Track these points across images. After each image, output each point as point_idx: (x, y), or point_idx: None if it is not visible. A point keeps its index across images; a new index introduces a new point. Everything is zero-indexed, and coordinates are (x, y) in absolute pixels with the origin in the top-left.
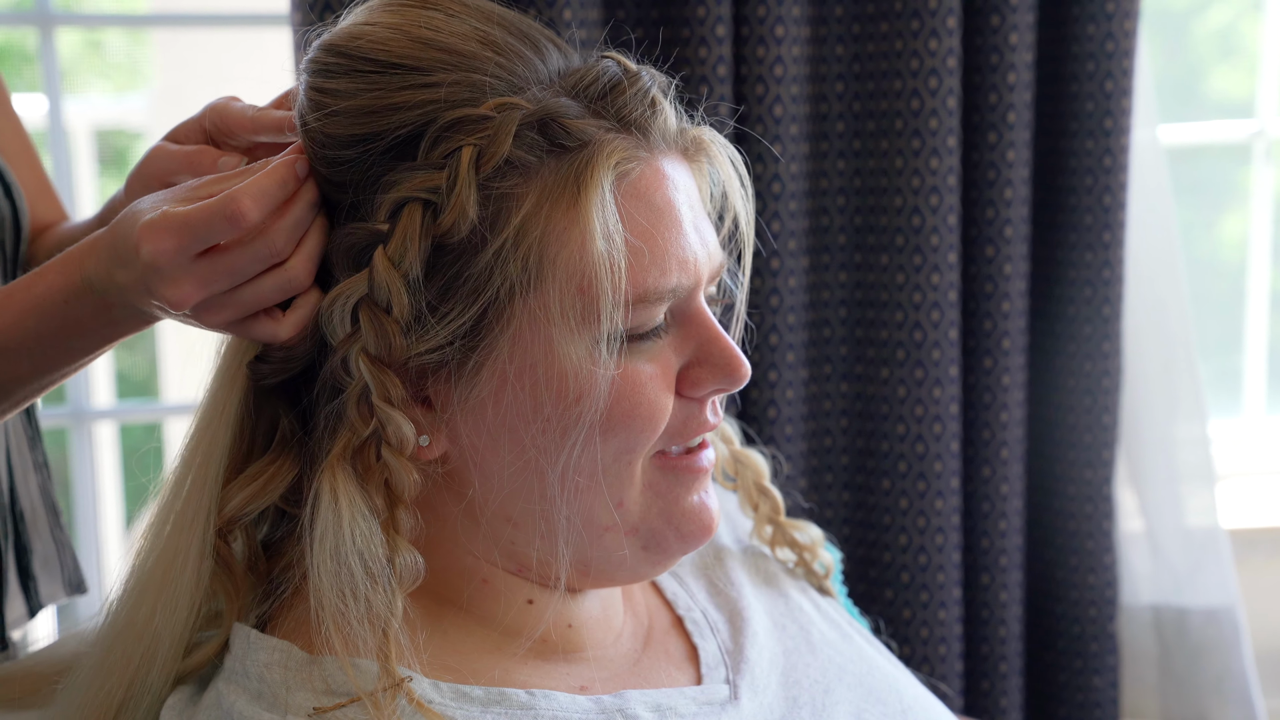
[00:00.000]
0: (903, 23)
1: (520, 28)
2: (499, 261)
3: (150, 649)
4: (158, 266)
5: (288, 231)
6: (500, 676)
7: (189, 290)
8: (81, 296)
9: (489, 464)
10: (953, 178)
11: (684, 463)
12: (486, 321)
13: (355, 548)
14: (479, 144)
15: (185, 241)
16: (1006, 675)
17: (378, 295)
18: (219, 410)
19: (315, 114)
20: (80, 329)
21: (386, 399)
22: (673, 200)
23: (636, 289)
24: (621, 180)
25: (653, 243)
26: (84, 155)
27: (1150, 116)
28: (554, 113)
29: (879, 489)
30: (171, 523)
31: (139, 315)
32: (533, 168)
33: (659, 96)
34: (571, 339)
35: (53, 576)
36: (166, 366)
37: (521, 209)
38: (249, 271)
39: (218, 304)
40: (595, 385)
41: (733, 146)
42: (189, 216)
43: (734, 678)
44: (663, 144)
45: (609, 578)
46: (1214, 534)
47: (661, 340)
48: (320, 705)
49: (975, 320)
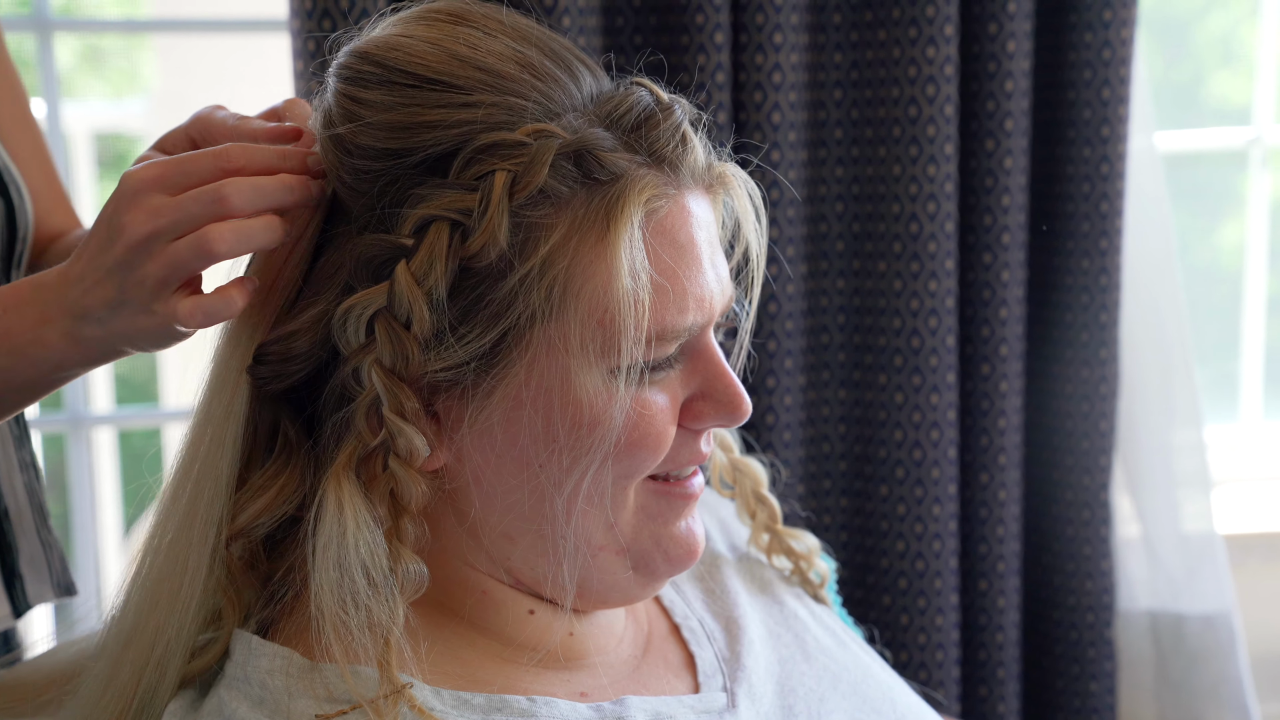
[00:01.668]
0: (900, 31)
1: (553, 48)
2: (523, 289)
3: (160, 662)
4: (131, 187)
5: (249, 193)
6: (501, 684)
7: (140, 217)
8: (25, 303)
9: (492, 484)
10: (950, 185)
11: (677, 489)
12: (505, 346)
13: (359, 557)
14: (514, 170)
15: (169, 173)
16: (1004, 681)
17: (397, 309)
18: (222, 416)
19: (346, 123)
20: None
21: (399, 412)
22: (695, 238)
23: (657, 326)
24: (650, 218)
25: (675, 281)
26: (83, 159)
27: (1147, 124)
28: (589, 144)
29: (877, 495)
30: (174, 534)
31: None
32: (564, 198)
33: (689, 132)
34: (588, 369)
35: (40, 577)
36: (166, 372)
37: (550, 239)
38: (194, 211)
39: (158, 251)
40: (610, 415)
41: (752, 182)
42: (179, 160)
43: (731, 686)
44: (690, 180)
45: (603, 599)
46: (1210, 539)
47: (672, 372)
48: (323, 713)
49: (973, 327)
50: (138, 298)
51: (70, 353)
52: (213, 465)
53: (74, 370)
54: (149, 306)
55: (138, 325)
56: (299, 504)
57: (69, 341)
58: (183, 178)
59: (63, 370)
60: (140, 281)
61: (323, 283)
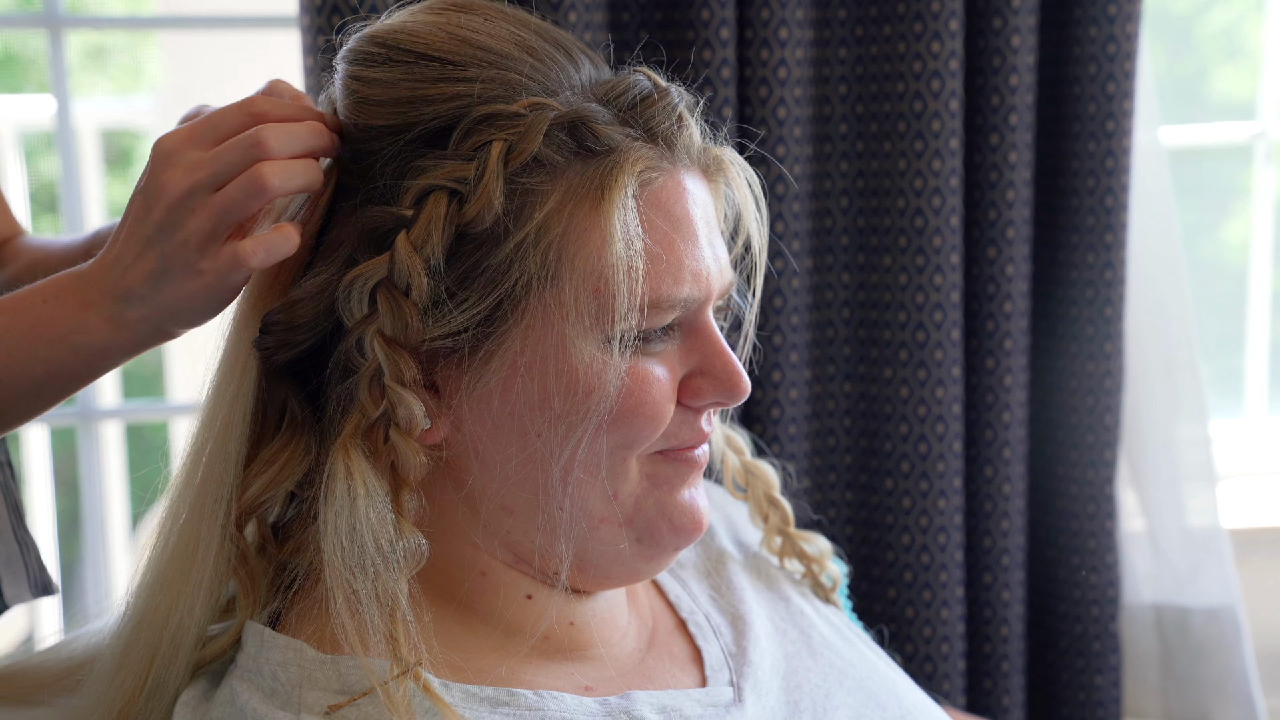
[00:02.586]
0: (905, 25)
1: (555, 36)
2: (519, 255)
3: (173, 641)
4: (165, 149)
5: (284, 136)
6: (506, 676)
7: (179, 175)
8: (64, 291)
9: (490, 453)
10: (955, 179)
11: (681, 455)
12: (501, 312)
13: (369, 524)
14: (510, 139)
15: (199, 130)
16: (1009, 674)
17: (398, 278)
18: (231, 397)
19: (351, 103)
20: (50, 330)
21: (399, 380)
22: (691, 213)
23: (651, 294)
24: (644, 188)
25: (670, 251)
26: (90, 156)
27: (1152, 118)
28: (584, 116)
29: (882, 489)
30: (187, 514)
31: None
32: (559, 167)
33: (686, 114)
34: (583, 336)
35: (17, 578)
36: (174, 366)
37: (545, 206)
38: (233, 158)
39: (200, 205)
40: (605, 381)
41: (751, 170)
42: (210, 117)
43: (738, 680)
44: (686, 159)
45: (607, 574)
46: (1215, 534)
47: (668, 346)
48: (335, 703)
49: (978, 321)
50: (182, 261)
51: (114, 338)
52: (223, 445)
53: (118, 358)
54: (195, 266)
55: (184, 291)
56: (304, 478)
57: (112, 326)
58: (214, 130)
59: (107, 358)
60: (184, 242)
61: (328, 256)
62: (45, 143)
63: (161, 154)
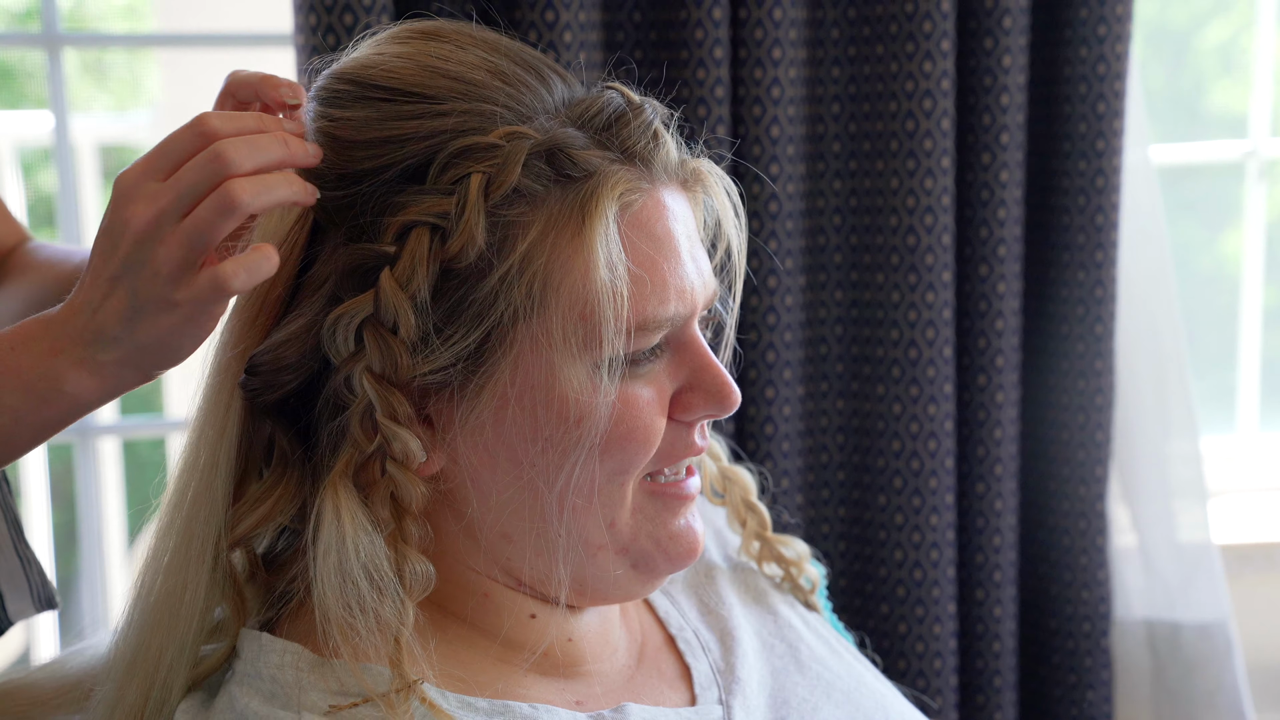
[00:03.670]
0: (898, 45)
1: (525, 58)
2: (504, 287)
3: (165, 681)
4: (122, 187)
5: (245, 148)
6: (502, 689)
7: (140, 208)
8: (32, 338)
9: (486, 482)
10: (947, 198)
11: (672, 490)
12: (490, 345)
13: (359, 562)
14: (488, 171)
15: (153, 159)
16: (1001, 690)
17: (384, 316)
18: (215, 437)
19: (323, 141)
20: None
21: (392, 416)
22: (673, 231)
23: (637, 317)
24: (624, 211)
25: (654, 272)
26: (88, 171)
27: (1142, 137)
28: (561, 143)
29: (875, 505)
30: (173, 549)
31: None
32: (539, 196)
33: (661, 129)
34: (572, 363)
35: (20, 594)
36: (171, 382)
37: (527, 236)
38: (192, 180)
39: (168, 234)
40: (595, 408)
41: (729, 178)
42: (162, 143)
43: (727, 699)
44: (664, 175)
45: (603, 596)
46: (1206, 549)
47: (657, 365)
48: (335, 704)
49: (970, 338)
50: (155, 295)
51: (87, 383)
52: (209, 485)
53: (92, 404)
54: (170, 298)
55: (161, 327)
56: (296, 514)
57: (84, 371)
58: (166, 157)
59: (79, 405)
60: (155, 274)
61: (310, 295)
62: (43, 158)
63: (121, 190)
